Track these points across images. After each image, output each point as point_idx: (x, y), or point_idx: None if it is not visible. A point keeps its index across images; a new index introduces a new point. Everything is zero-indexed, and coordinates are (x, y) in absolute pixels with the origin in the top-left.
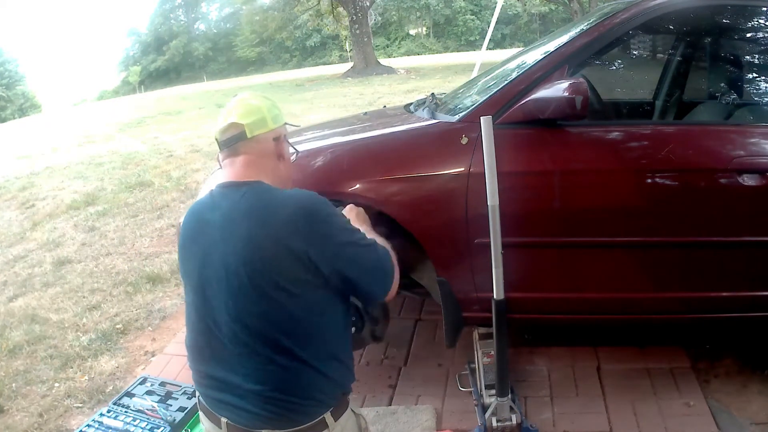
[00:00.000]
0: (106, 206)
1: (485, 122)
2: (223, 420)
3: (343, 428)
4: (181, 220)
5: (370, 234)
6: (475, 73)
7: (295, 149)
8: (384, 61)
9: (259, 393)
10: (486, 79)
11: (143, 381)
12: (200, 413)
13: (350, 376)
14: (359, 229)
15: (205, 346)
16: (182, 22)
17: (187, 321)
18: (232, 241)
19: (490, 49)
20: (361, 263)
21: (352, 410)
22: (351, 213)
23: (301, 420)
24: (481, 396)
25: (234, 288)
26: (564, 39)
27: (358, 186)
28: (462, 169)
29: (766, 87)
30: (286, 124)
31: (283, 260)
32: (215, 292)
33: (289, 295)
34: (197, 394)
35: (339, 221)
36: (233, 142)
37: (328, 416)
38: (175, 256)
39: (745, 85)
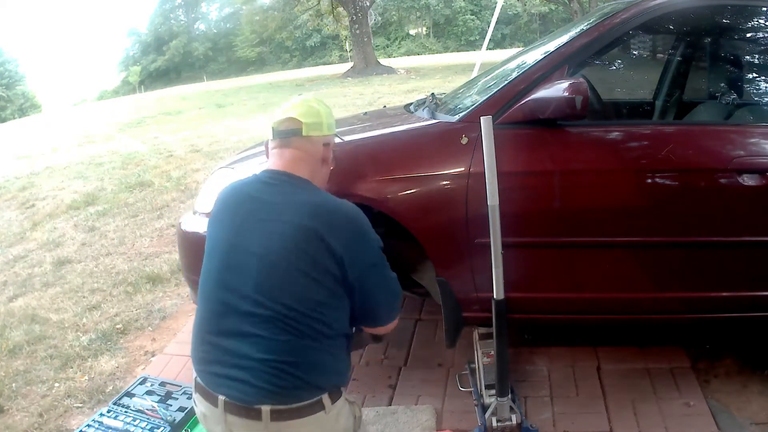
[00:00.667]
0: (106, 206)
1: (485, 122)
2: (221, 398)
3: (339, 413)
4: (214, 193)
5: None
6: (475, 73)
7: (341, 138)
8: (384, 61)
9: (268, 362)
10: (486, 79)
11: (143, 381)
12: (196, 396)
13: (348, 374)
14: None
15: (220, 313)
16: (182, 22)
17: (203, 289)
18: (280, 224)
19: (490, 49)
20: (381, 286)
21: (346, 398)
22: None
23: (301, 396)
24: (481, 396)
25: (268, 264)
26: (564, 39)
27: (358, 186)
28: (462, 169)
29: (766, 87)
30: (336, 135)
31: (321, 254)
32: (246, 262)
33: (316, 282)
34: (194, 376)
35: (377, 244)
36: (288, 135)
37: (325, 398)
38: (175, 256)
39: (745, 85)
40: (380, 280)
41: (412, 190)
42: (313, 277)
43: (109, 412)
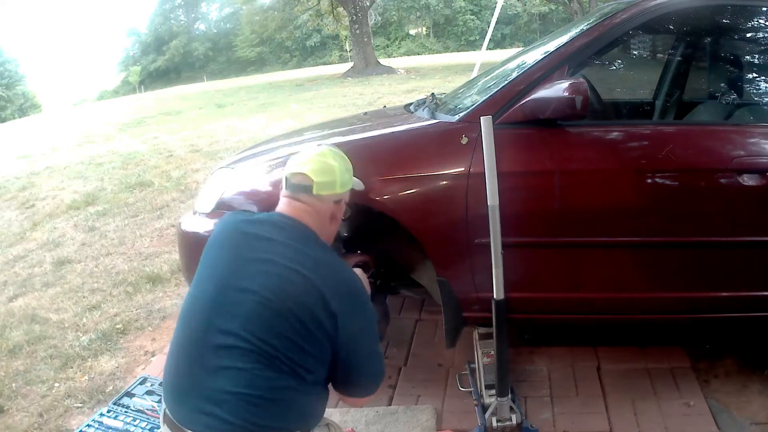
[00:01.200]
0: (106, 206)
1: (485, 122)
2: None
3: None
4: (209, 223)
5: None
6: (475, 73)
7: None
8: (384, 61)
9: (244, 396)
10: (486, 79)
11: (143, 381)
12: (163, 429)
13: (320, 417)
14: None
15: (200, 342)
16: (182, 22)
17: (186, 314)
18: (284, 268)
19: (490, 49)
20: (369, 357)
21: (327, 422)
22: (362, 277)
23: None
24: (481, 396)
25: (263, 303)
26: (564, 39)
27: None
28: (462, 169)
29: (766, 87)
30: (347, 197)
31: (318, 309)
32: (239, 297)
33: (307, 331)
34: (163, 407)
35: (373, 317)
36: (299, 190)
37: None
38: (175, 256)
39: (745, 85)
40: (369, 352)
41: (412, 190)
42: (306, 326)
43: (109, 412)
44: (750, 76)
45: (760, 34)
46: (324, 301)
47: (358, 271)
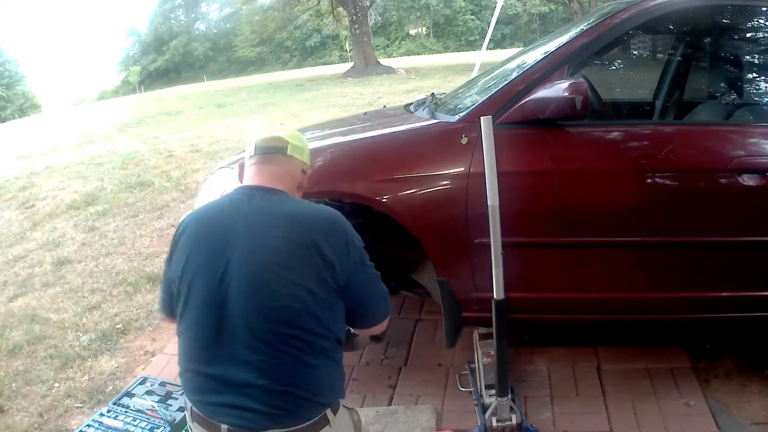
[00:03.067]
0: (106, 206)
1: (485, 122)
2: (224, 427)
3: (341, 423)
4: (181, 220)
5: None
6: (475, 73)
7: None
8: (384, 61)
9: (269, 388)
10: (486, 79)
11: (143, 381)
12: (193, 426)
13: (343, 382)
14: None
15: (210, 343)
16: (182, 22)
17: (185, 320)
18: (267, 238)
19: (490, 49)
20: (371, 284)
21: (344, 406)
22: None
23: (306, 416)
24: (481, 396)
25: (262, 281)
26: (564, 39)
27: (357, 186)
28: (462, 169)
29: (766, 87)
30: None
31: (313, 261)
32: (235, 284)
33: (310, 293)
34: (188, 405)
35: (360, 243)
36: (273, 151)
37: (329, 412)
38: None
39: (745, 85)
40: (369, 279)
41: (412, 190)
42: (306, 287)
43: (109, 412)
44: (750, 76)
45: (760, 34)
46: (318, 252)
47: None
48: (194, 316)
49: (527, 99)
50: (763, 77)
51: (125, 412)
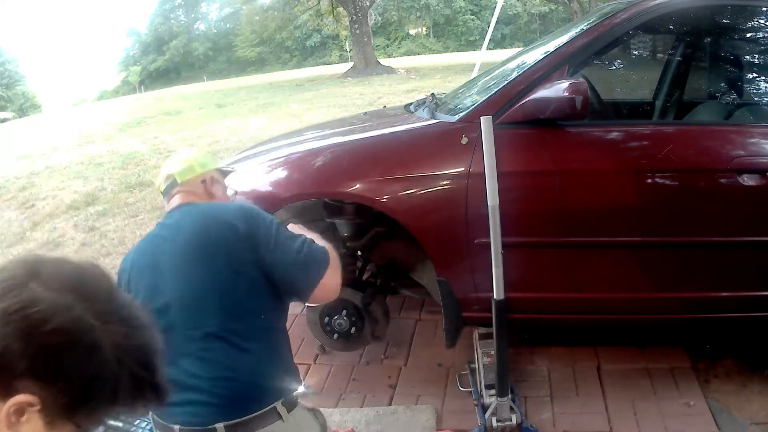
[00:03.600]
0: (106, 206)
1: (485, 122)
2: (176, 427)
3: (299, 423)
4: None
5: (310, 235)
6: (475, 73)
7: (234, 191)
8: (384, 61)
9: (216, 379)
10: (486, 79)
11: None
12: None
13: (296, 378)
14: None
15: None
16: (182, 22)
17: None
18: (184, 235)
19: (490, 49)
20: (291, 246)
21: (304, 407)
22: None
23: (251, 407)
24: (481, 396)
25: (190, 276)
26: (564, 39)
27: (358, 186)
28: (462, 169)
29: (766, 87)
30: (218, 169)
31: (231, 240)
32: (171, 290)
33: (238, 274)
34: (150, 414)
35: (271, 217)
36: (170, 189)
37: (279, 406)
38: None
39: (745, 85)
40: (288, 241)
41: (412, 190)
42: (235, 271)
43: None
44: (750, 76)
45: (760, 34)
46: (236, 230)
47: None
48: None
49: (527, 99)
50: (763, 77)
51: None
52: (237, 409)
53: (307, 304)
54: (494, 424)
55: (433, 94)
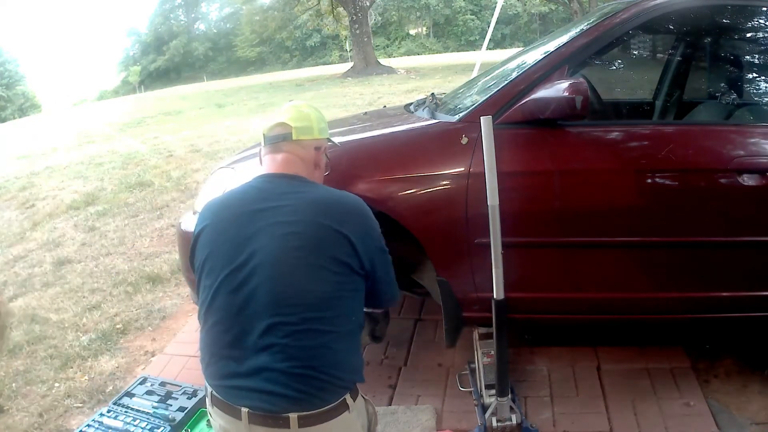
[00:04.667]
0: (106, 206)
1: (485, 122)
2: (244, 410)
3: (359, 411)
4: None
5: None
6: (475, 73)
7: (334, 144)
8: (384, 61)
9: (289, 371)
10: (486, 79)
11: (143, 381)
12: (213, 410)
13: (362, 367)
14: None
15: (234, 327)
16: (182, 22)
17: (209, 306)
18: (291, 224)
19: (490, 49)
20: (388, 268)
21: (362, 395)
22: None
23: (327, 399)
24: (481, 396)
25: (283, 269)
26: (564, 39)
27: (358, 186)
28: (462, 169)
29: (766, 87)
30: (329, 140)
31: (337, 244)
32: (259, 271)
33: (335, 276)
34: (208, 390)
35: (379, 230)
36: (279, 140)
37: (348, 397)
38: (175, 256)
39: (745, 85)
40: (387, 263)
41: (412, 190)
42: (332, 271)
43: (109, 412)
44: (750, 76)
45: (760, 34)
46: (341, 236)
47: None
48: (218, 302)
49: (527, 99)
50: (763, 77)
51: (125, 412)
52: (312, 402)
53: None
54: (494, 424)
55: (433, 94)
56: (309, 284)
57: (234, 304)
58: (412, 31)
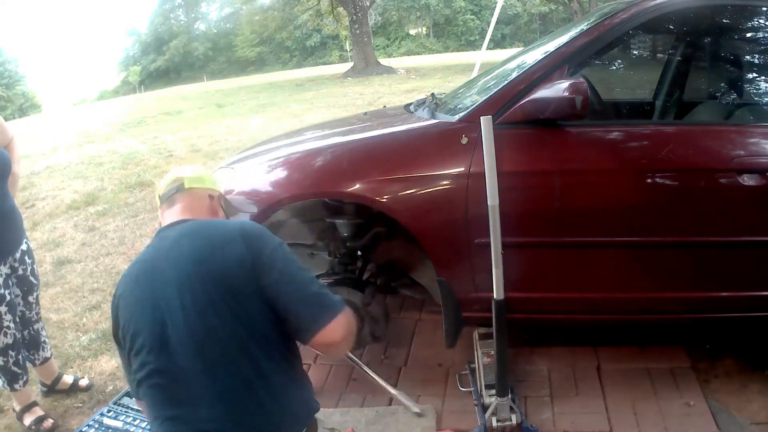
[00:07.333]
0: (106, 206)
1: (485, 122)
2: None
3: None
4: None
5: None
6: (475, 73)
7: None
8: (384, 61)
9: (242, 423)
10: (486, 79)
11: None
12: None
13: (312, 394)
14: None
15: (169, 387)
16: (182, 22)
17: (142, 371)
18: (183, 265)
19: (490, 49)
20: (301, 277)
21: (324, 428)
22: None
23: None
24: (481, 396)
25: (194, 309)
26: (564, 39)
27: (358, 186)
28: (462, 169)
29: (766, 87)
30: (223, 196)
31: (231, 268)
32: (176, 324)
33: (239, 304)
34: None
35: (276, 239)
36: (172, 192)
37: None
38: None
39: (745, 85)
40: (293, 274)
41: (412, 190)
42: (237, 301)
43: (109, 412)
44: (750, 76)
45: (760, 34)
46: (235, 257)
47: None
48: (146, 367)
49: (527, 99)
50: (763, 77)
51: (125, 412)
52: None
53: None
54: (494, 424)
55: (433, 94)
56: (223, 323)
57: (164, 366)
58: (412, 31)
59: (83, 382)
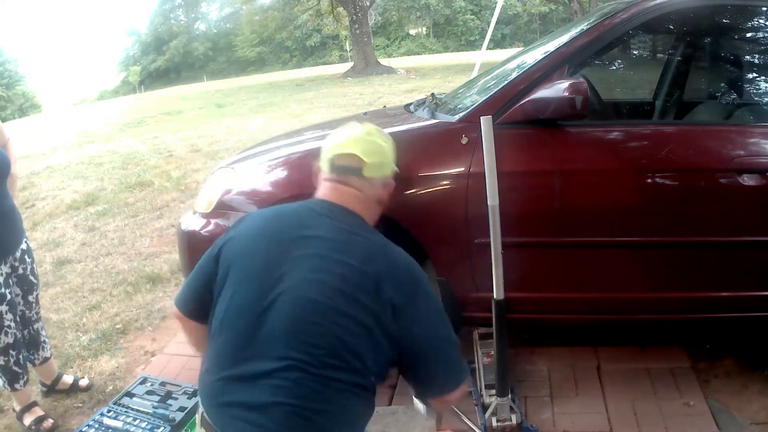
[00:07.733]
0: (106, 206)
1: (485, 122)
2: None
3: None
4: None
5: None
6: (475, 73)
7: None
8: (384, 61)
9: (287, 408)
10: (486, 79)
11: (143, 381)
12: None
13: (365, 426)
14: None
15: (244, 351)
16: (182, 22)
17: (223, 320)
18: (333, 262)
19: (490, 49)
20: (437, 346)
21: None
22: None
23: None
24: (481, 396)
25: (309, 304)
26: (564, 39)
27: None
28: (462, 169)
29: (766, 87)
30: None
31: (374, 301)
32: (284, 299)
33: (361, 327)
34: (200, 410)
35: (437, 302)
36: (347, 173)
37: None
38: (175, 256)
39: (745, 85)
40: (442, 338)
41: (412, 190)
42: (360, 322)
43: (109, 412)
44: (750, 76)
45: (760, 34)
46: (382, 292)
47: None
48: (229, 320)
49: (527, 99)
50: (763, 77)
51: (125, 412)
52: None
53: None
54: (494, 424)
55: (433, 94)
56: (329, 329)
57: (248, 327)
58: (412, 31)
59: (83, 382)
